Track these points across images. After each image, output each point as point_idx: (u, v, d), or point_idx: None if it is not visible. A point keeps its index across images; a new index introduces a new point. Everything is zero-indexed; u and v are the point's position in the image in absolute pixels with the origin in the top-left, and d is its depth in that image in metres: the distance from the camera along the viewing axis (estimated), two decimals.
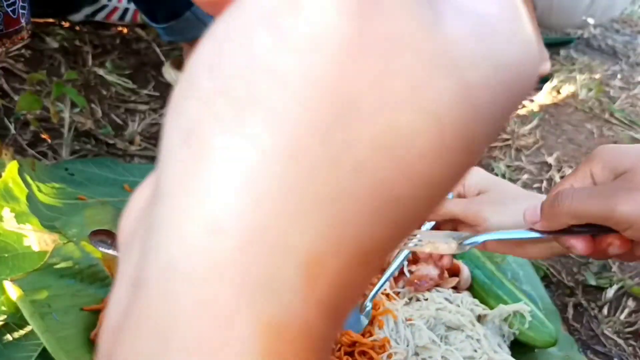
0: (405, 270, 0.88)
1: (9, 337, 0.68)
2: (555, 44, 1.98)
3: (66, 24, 1.43)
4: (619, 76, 1.91)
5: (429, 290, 0.87)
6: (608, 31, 2.31)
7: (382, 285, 0.78)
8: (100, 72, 1.30)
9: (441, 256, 0.79)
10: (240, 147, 0.14)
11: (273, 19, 0.14)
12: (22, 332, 0.69)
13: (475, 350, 0.78)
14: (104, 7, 1.45)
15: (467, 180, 0.70)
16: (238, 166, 0.13)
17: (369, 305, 0.76)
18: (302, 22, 0.13)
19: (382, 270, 0.88)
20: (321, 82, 0.13)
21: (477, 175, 0.71)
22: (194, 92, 0.14)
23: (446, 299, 0.86)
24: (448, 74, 0.14)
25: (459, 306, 0.85)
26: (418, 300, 0.85)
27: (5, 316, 0.69)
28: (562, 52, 1.98)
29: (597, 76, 1.83)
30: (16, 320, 0.68)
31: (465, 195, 0.70)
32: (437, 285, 0.88)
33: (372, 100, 0.14)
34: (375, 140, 0.14)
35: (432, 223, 0.74)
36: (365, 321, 0.75)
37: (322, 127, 0.13)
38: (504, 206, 0.67)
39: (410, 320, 0.80)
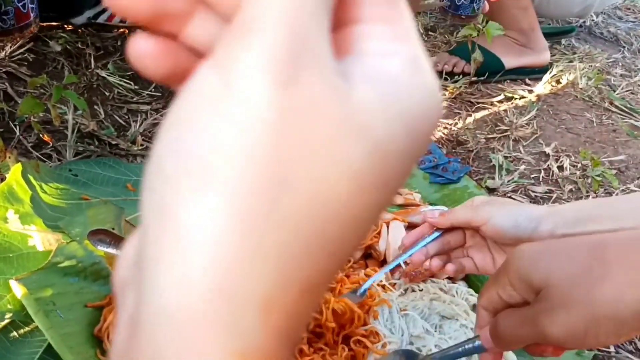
0: (401, 262, 0.90)
1: (15, 334, 0.71)
2: (555, 34, 1.98)
3: (69, 27, 1.46)
4: (620, 64, 1.91)
5: (424, 281, 0.88)
6: (611, 18, 2.30)
7: (374, 280, 0.80)
8: (103, 73, 1.33)
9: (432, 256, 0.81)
10: (201, 218, 0.17)
11: (213, 103, 0.17)
12: (27, 329, 0.71)
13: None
14: (105, 9, 1.47)
15: (474, 200, 0.76)
16: (200, 234, 0.17)
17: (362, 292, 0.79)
18: (237, 105, 0.17)
19: (380, 265, 0.90)
20: (259, 157, 0.17)
21: (481, 197, 0.77)
22: (160, 173, 0.18)
23: (441, 289, 0.87)
24: (358, 136, 0.17)
25: (453, 296, 0.86)
26: (413, 291, 0.87)
27: (11, 314, 0.71)
28: (564, 41, 1.98)
29: (597, 64, 1.83)
30: (22, 317, 0.71)
31: None
32: (432, 276, 0.90)
33: (300, 165, 0.17)
34: (308, 197, 0.17)
35: (439, 233, 0.76)
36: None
37: (265, 194, 0.17)
38: (504, 207, 0.71)
39: (404, 310, 0.82)
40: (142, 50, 0.20)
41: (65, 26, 1.45)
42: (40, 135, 1.07)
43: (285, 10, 0.17)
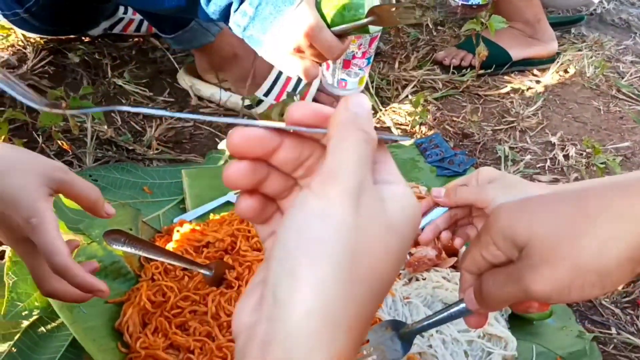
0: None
1: (42, 329, 0.76)
2: (565, 23, 1.99)
3: (86, 39, 1.52)
4: (631, 50, 1.91)
5: (427, 270, 0.92)
6: (623, 5, 2.30)
7: None
8: (119, 82, 1.38)
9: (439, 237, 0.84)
10: (315, 278, 0.30)
11: (317, 217, 0.31)
12: (53, 324, 0.77)
13: None
14: (120, 19, 1.53)
15: (480, 174, 0.78)
16: (316, 287, 0.29)
17: None
18: (331, 217, 0.31)
19: None
20: (346, 246, 0.30)
21: (488, 170, 0.79)
22: (290, 255, 0.30)
23: (444, 278, 0.91)
24: (392, 232, 0.32)
25: (456, 284, 0.90)
26: (417, 280, 0.91)
27: (38, 310, 0.77)
28: (574, 29, 1.98)
29: (606, 52, 1.84)
30: (48, 314, 0.76)
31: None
32: (436, 265, 0.93)
33: (367, 250, 0.31)
34: (372, 268, 0.31)
35: (445, 209, 0.79)
36: None
37: (350, 265, 0.30)
38: (509, 189, 0.73)
39: (407, 298, 0.85)
40: (247, 208, 0.36)
41: (83, 38, 1.52)
42: (61, 144, 1.13)
43: (355, 163, 0.32)
